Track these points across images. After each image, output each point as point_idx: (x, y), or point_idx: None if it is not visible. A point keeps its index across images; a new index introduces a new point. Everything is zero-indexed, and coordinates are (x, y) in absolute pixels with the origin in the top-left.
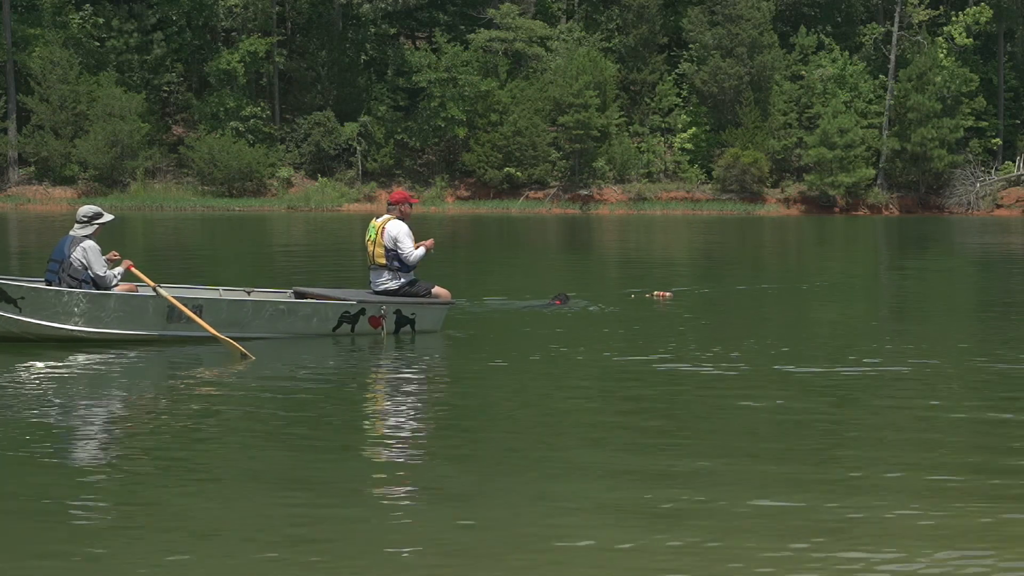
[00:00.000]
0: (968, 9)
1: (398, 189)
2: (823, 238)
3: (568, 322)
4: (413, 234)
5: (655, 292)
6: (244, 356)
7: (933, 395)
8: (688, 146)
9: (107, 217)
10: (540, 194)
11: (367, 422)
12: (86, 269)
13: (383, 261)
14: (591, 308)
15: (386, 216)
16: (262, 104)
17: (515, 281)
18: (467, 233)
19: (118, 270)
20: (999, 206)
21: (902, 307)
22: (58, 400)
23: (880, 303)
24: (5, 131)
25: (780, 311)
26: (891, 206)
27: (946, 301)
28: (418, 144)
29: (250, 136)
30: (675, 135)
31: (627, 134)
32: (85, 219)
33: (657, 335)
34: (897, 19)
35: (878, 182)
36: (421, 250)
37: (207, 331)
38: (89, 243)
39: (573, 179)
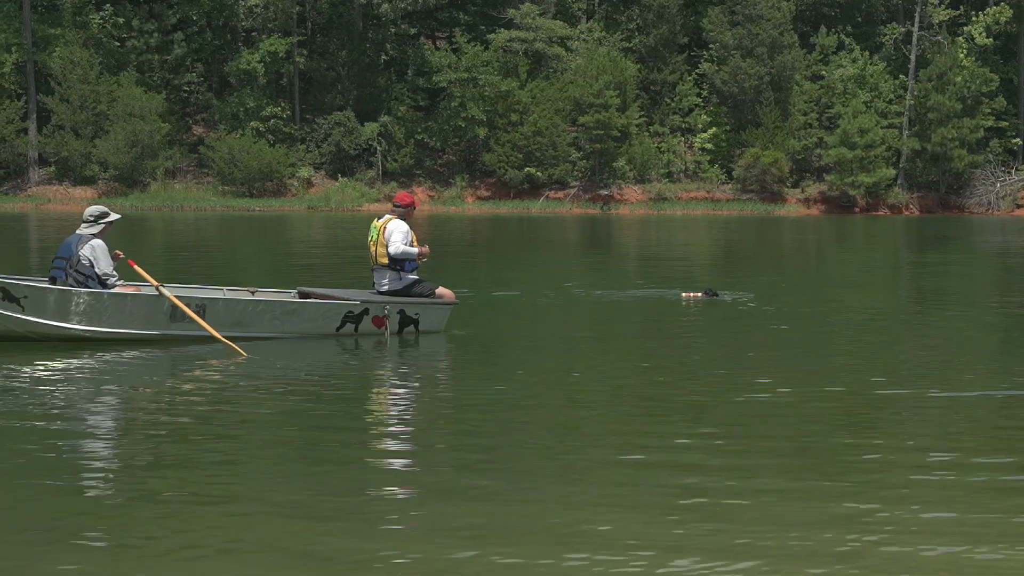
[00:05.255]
0: (988, 9)
1: (403, 192)
2: (844, 238)
3: (568, 320)
4: (416, 235)
5: (692, 293)
6: (238, 355)
7: (957, 419)
8: (708, 146)
9: (113, 216)
10: (560, 194)
11: (374, 423)
12: (93, 266)
13: (386, 261)
14: (730, 299)
15: (387, 216)
16: (282, 104)
17: (558, 278)
18: (490, 232)
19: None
20: (1019, 206)
21: (924, 307)
22: (60, 400)
23: (902, 303)
24: (26, 131)
25: (804, 311)
26: (911, 206)
27: (969, 303)
28: (438, 144)
29: (270, 136)
30: (695, 135)
31: (647, 134)
32: (92, 218)
33: (673, 334)
34: (917, 19)
35: (898, 182)
36: (413, 250)
37: (205, 329)
38: (97, 241)
39: (593, 179)
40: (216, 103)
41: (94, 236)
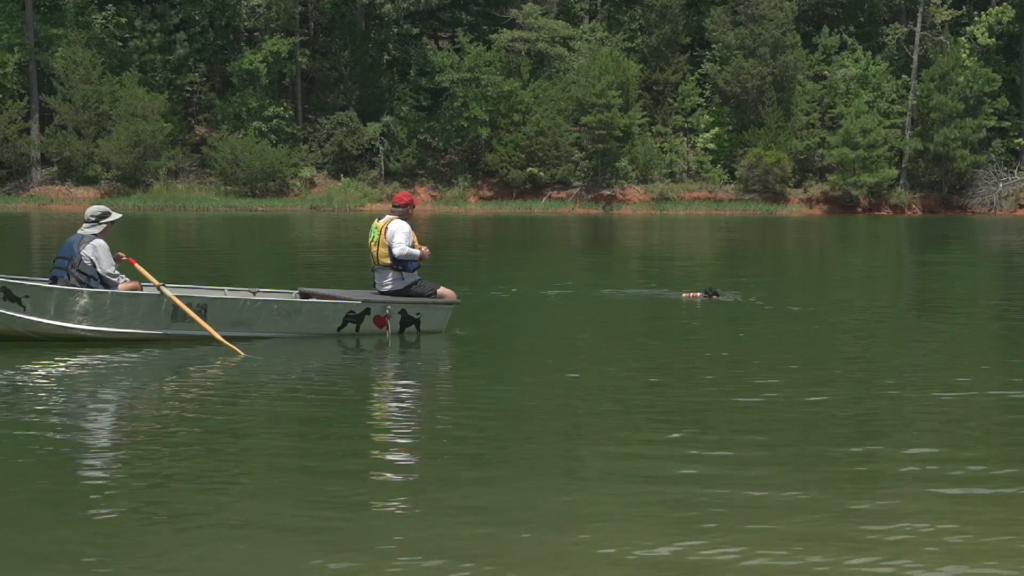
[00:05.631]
0: (991, 9)
1: (403, 192)
2: (847, 238)
3: (570, 320)
4: (416, 234)
5: (692, 293)
6: (236, 354)
7: (963, 425)
8: (711, 146)
9: (115, 215)
10: (563, 194)
11: (374, 428)
12: (95, 266)
13: (387, 261)
14: (733, 299)
15: (388, 216)
16: (285, 104)
17: (572, 277)
18: (492, 232)
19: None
20: (1022, 206)
21: (928, 309)
22: (60, 401)
23: (906, 304)
24: (28, 131)
25: (808, 312)
26: (914, 206)
27: (975, 304)
28: (441, 144)
29: (273, 136)
30: (698, 135)
31: (650, 134)
32: (93, 219)
33: (674, 335)
34: (920, 19)
35: (901, 182)
36: (416, 251)
37: (206, 331)
38: (99, 241)
39: (596, 179)
40: (218, 103)
41: (96, 236)
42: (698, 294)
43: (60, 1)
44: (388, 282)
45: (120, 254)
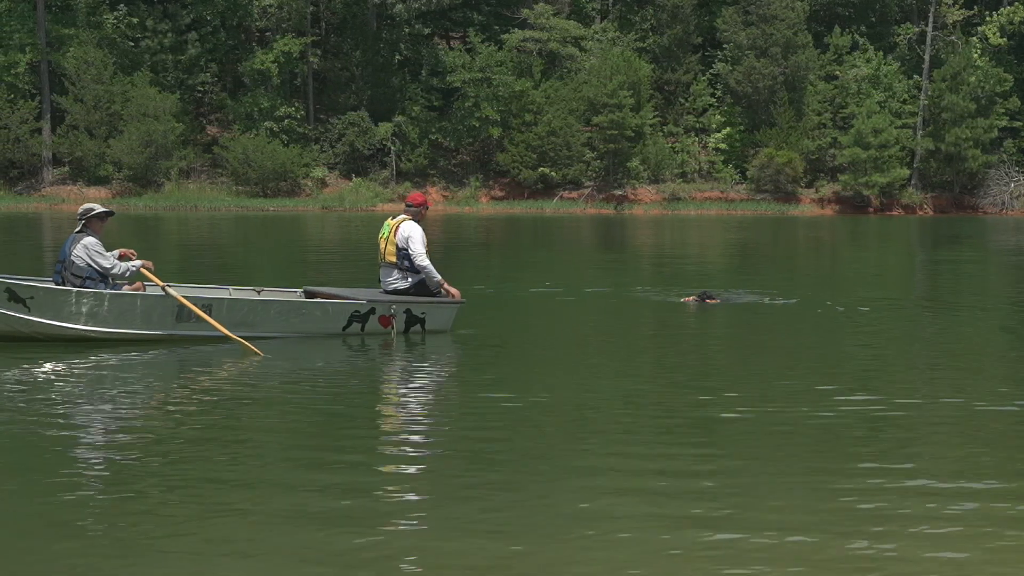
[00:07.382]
0: (1002, 9)
1: (416, 192)
2: (858, 238)
3: (575, 321)
4: (427, 235)
5: (689, 296)
6: (254, 354)
7: (978, 436)
8: (722, 146)
9: (98, 209)
10: (574, 194)
11: (378, 428)
12: (89, 266)
13: (393, 259)
14: (735, 301)
15: (402, 216)
16: (296, 104)
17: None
18: (502, 232)
19: (135, 263)
20: None
21: (939, 310)
22: (67, 402)
23: (918, 305)
24: (40, 131)
25: (817, 314)
26: (925, 206)
27: (988, 306)
28: (452, 144)
29: (284, 136)
30: (709, 135)
31: (661, 134)
32: (78, 216)
33: (678, 337)
34: (931, 19)
35: (912, 182)
36: (438, 276)
37: (218, 330)
38: (88, 239)
39: (607, 179)
40: (230, 103)
41: (87, 233)
42: (692, 297)
43: (72, 1)
44: (393, 280)
45: (122, 251)
